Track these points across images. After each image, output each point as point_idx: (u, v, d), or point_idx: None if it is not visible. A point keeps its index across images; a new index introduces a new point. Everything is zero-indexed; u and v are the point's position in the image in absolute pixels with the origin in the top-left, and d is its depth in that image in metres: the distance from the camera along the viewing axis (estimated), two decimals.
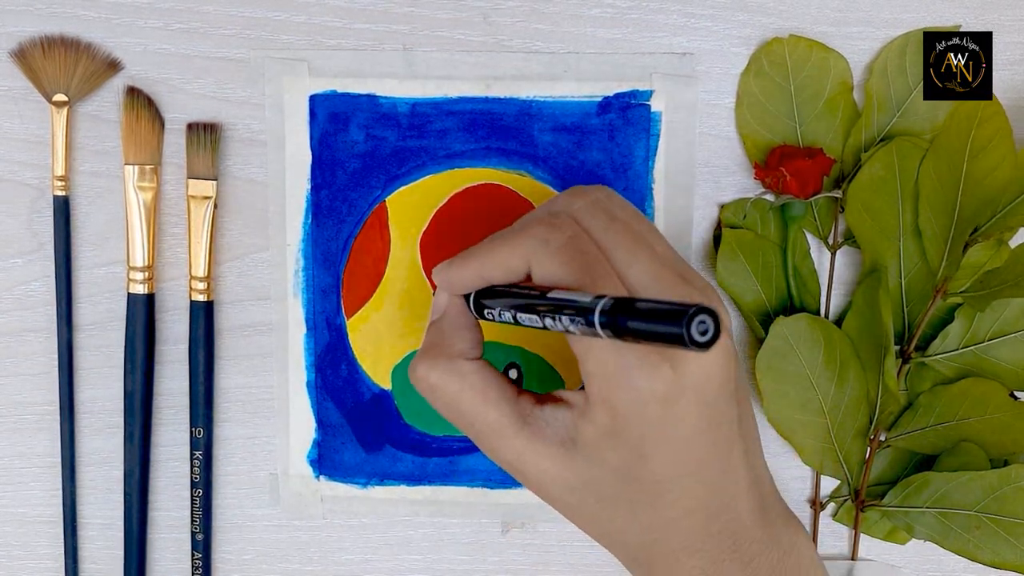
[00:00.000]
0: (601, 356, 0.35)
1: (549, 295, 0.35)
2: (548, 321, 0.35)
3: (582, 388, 0.36)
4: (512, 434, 0.38)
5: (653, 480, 0.36)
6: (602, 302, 0.32)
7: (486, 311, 0.39)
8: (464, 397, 0.38)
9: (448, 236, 0.47)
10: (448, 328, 0.40)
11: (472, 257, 0.38)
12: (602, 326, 0.32)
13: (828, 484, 0.48)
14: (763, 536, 0.38)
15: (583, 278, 0.35)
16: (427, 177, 0.46)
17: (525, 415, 0.38)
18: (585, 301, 0.33)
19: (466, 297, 0.40)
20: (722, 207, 0.47)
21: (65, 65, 0.45)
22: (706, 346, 0.28)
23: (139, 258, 0.46)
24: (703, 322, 0.28)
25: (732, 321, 0.47)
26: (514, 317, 0.37)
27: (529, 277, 0.37)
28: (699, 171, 0.46)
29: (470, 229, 0.46)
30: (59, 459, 0.48)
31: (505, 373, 0.47)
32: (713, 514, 0.37)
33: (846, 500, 0.48)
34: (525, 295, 0.37)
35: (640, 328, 0.30)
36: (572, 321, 0.33)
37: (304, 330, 0.47)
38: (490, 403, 0.38)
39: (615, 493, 0.37)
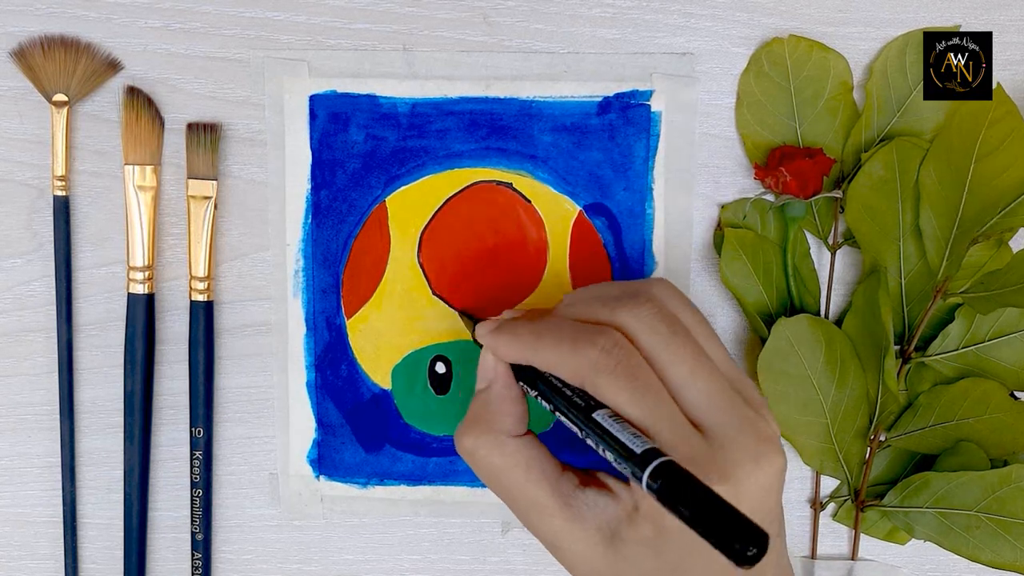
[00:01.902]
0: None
1: (598, 415, 0.35)
2: (591, 443, 0.35)
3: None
4: (551, 513, 0.37)
5: None
6: (652, 467, 0.32)
7: (530, 390, 0.39)
8: (507, 473, 0.38)
9: (448, 236, 0.47)
10: (495, 401, 0.39)
11: (522, 343, 0.38)
12: (649, 488, 0.32)
13: (828, 484, 0.48)
14: None
15: (635, 406, 0.35)
16: (427, 177, 0.46)
17: (567, 495, 0.38)
18: (635, 450, 0.33)
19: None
20: (722, 207, 0.46)
21: (65, 65, 0.45)
22: (748, 565, 0.28)
23: (139, 258, 0.46)
24: (751, 550, 0.28)
25: (728, 323, 0.47)
26: (554, 410, 0.37)
27: None
28: (699, 171, 0.46)
29: (470, 229, 0.46)
30: (59, 459, 0.48)
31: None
32: None
33: (846, 500, 0.48)
34: (574, 399, 0.37)
35: (687, 515, 0.30)
36: (616, 461, 0.34)
37: (304, 330, 0.47)
38: (532, 481, 0.38)
39: None
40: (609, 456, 0.34)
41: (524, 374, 0.39)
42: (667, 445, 0.35)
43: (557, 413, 0.37)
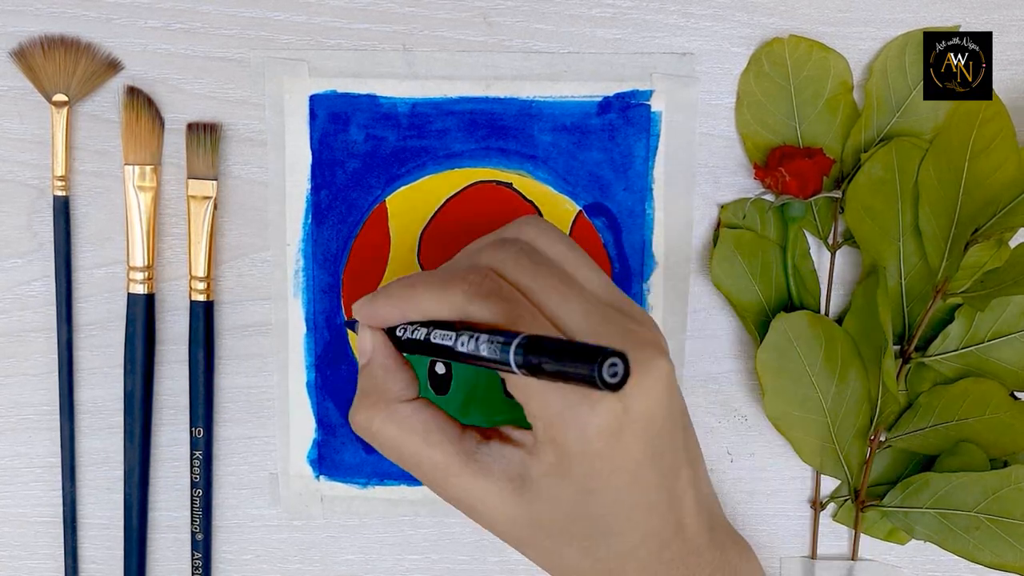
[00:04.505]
0: (544, 397, 0.35)
1: (459, 336, 0.35)
2: (462, 341, 0.35)
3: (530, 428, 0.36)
4: (457, 472, 0.37)
5: (603, 515, 0.36)
6: (517, 339, 0.32)
7: (398, 330, 0.39)
8: (406, 441, 0.38)
9: (448, 236, 0.47)
10: (379, 371, 0.39)
11: (397, 297, 0.38)
12: (518, 365, 0.32)
13: (828, 484, 0.48)
14: (713, 559, 0.39)
15: (510, 322, 0.35)
16: (427, 177, 0.46)
17: (470, 452, 0.38)
18: (500, 338, 0.33)
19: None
20: (722, 207, 0.47)
21: (65, 65, 0.45)
22: (617, 387, 0.29)
23: (139, 258, 0.46)
24: (613, 364, 0.29)
25: (728, 323, 0.47)
26: (427, 337, 0.37)
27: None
28: (699, 171, 0.46)
29: (470, 229, 0.46)
30: (59, 459, 0.48)
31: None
32: (664, 542, 0.37)
33: (846, 500, 0.48)
34: (439, 327, 0.37)
35: (552, 368, 0.30)
36: (489, 348, 0.33)
37: (304, 330, 0.47)
38: (433, 444, 0.37)
39: (567, 530, 0.37)
40: (484, 351, 0.34)
41: (401, 343, 0.39)
42: (583, 311, 0.35)
43: (429, 328, 0.37)
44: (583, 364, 0.29)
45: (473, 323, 0.36)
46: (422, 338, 0.37)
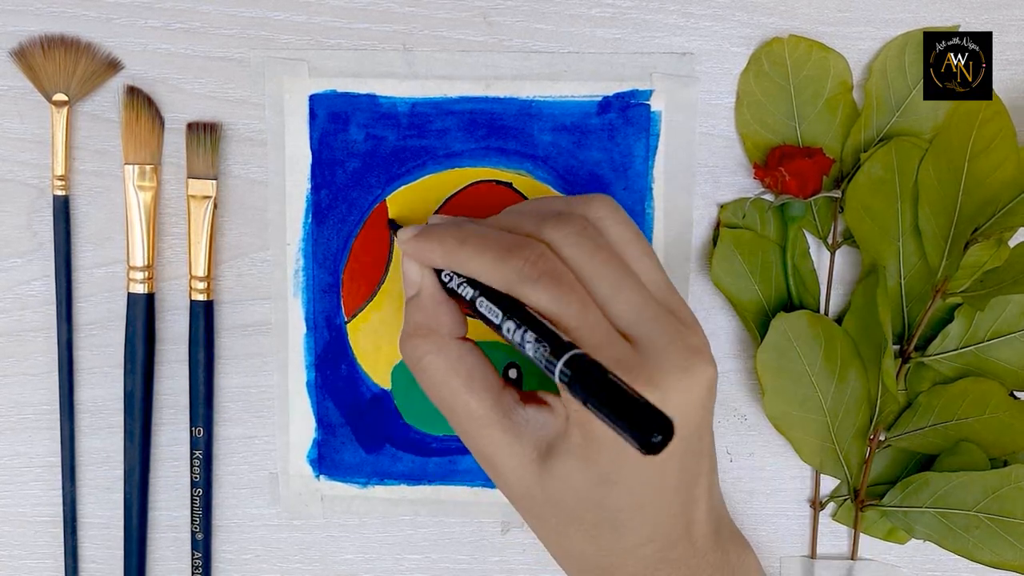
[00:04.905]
0: None
1: (505, 319, 0.35)
2: (508, 328, 0.35)
3: None
4: (490, 425, 0.37)
5: (617, 507, 0.36)
6: (565, 357, 0.32)
7: (443, 274, 0.38)
8: (450, 380, 0.38)
9: None
10: (430, 304, 0.39)
11: (447, 248, 0.38)
12: (560, 381, 0.32)
13: (828, 484, 0.48)
14: (715, 560, 0.39)
15: (560, 311, 0.35)
16: (427, 177, 0.46)
17: (507, 409, 0.37)
18: (547, 349, 0.33)
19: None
20: (722, 207, 0.47)
21: (65, 65, 0.45)
22: (654, 451, 0.29)
23: (139, 258, 0.46)
24: (657, 435, 0.29)
25: (728, 322, 0.47)
26: (472, 301, 0.37)
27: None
28: (699, 171, 0.46)
29: None
30: (59, 459, 0.48)
31: (505, 373, 0.47)
32: (672, 542, 0.38)
33: (846, 500, 0.48)
34: (488, 296, 0.36)
35: (594, 408, 0.30)
36: (534, 352, 0.33)
37: (304, 330, 0.47)
38: (474, 391, 0.37)
39: (577, 513, 0.37)
40: (528, 351, 0.34)
41: (443, 285, 0.39)
42: (591, 348, 0.34)
43: (478, 293, 0.37)
44: (626, 423, 0.29)
45: (520, 303, 0.36)
46: (467, 298, 0.37)
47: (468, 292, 0.37)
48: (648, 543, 0.37)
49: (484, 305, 0.36)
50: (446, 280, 0.38)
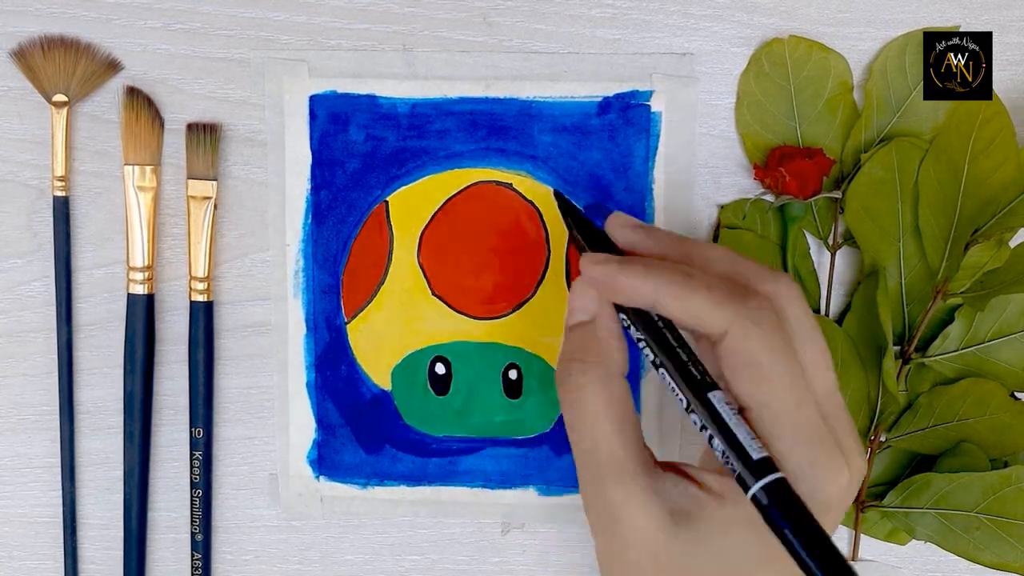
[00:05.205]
0: (783, 447, 0.33)
1: (715, 395, 0.34)
2: (693, 416, 0.34)
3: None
4: (631, 475, 0.34)
5: None
6: (768, 480, 0.31)
7: (622, 314, 0.36)
8: (603, 417, 0.35)
9: (448, 236, 0.47)
10: (605, 335, 0.36)
11: (655, 278, 0.35)
12: (755, 500, 0.32)
13: None
14: None
15: (785, 372, 0.33)
16: (427, 177, 0.46)
17: (649, 466, 0.35)
18: (750, 453, 0.32)
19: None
20: (722, 207, 0.46)
21: (65, 65, 0.45)
22: None
23: (139, 258, 0.46)
24: None
25: None
26: (674, 358, 0.34)
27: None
28: (699, 171, 0.46)
29: (470, 229, 0.46)
30: (59, 459, 0.48)
31: (504, 374, 0.47)
32: None
33: None
34: (689, 365, 0.35)
35: (787, 542, 0.30)
36: (723, 453, 0.33)
37: (304, 330, 0.47)
38: (625, 437, 0.35)
39: None
40: (715, 444, 0.33)
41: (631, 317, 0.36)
42: (809, 419, 0.33)
43: (662, 370, 0.35)
44: (818, 567, 0.29)
45: (710, 376, 0.34)
46: (670, 350, 0.35)
47: (669, 336, 0.35)
48: None
49: (692, 357, 0.34)
50: (623, 323, 0.36)
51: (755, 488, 0.32)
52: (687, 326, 0.35)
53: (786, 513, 0.31)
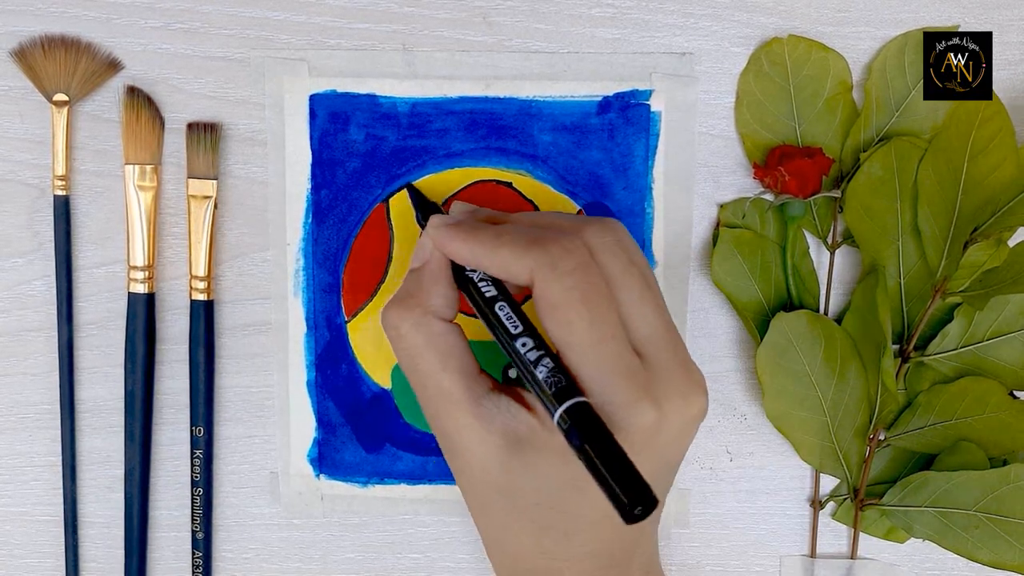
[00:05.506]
0: (589, 385, 0.35)
1: (524, 338, 0.35)
2: (524, 343, 0.35)
3: None
4: (460, 407, 0.37)
5: (575, 514, 0.36)
6: (569, 403, 0.33)
7: (466, 272, 0.38)
8: (425, 356, 0.37)
9: None
10: (428, 281, 0.38)
11: (475, 240, 0.37)
12: (559, 424, 0.33)
13: (827, 483, 0.48)
14: None
15: (584, 311, 0.35)
16: (427, 177, 0.46)
17: (479, 394, 0.37)
18: (553, 387, 0.34)
19: None
20: (721, 207, 0.47)
21: (65, 65, 0.45)
22: (630, 521, 0.30)
23: (139, 257, 0.46)
24: (639, 508, 0.30)
25: (728, 322, 0.47)
26: (491, 302, 0.37)
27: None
28: (699, 171, 0.46)
29: None
30: (59, 458, 0.48)
31: (504, 373, 0.47)
32: (612, 564, 0.38)
33: (845, 499, 0.48)
34: (509, 304, 0.37)
35: (586, 461, 0.31)
36: (544, 382, 0.34)
37: (304, 330, 0.47)
38: (449, 370, 0.37)
39: (531, 510, 0.37)
40: (539, 374, 0.34)
41: (460, 277, 0.39)
42: (607, 351, 0.35)
43: (500, 313, 0.37)
44: (616, 489, 0.30)
45: (528, 321, 0.36)
46: (487, 295, 0.37)
47: (490, 291, 0.37)
48: (591, 557, 0.37)
49: (504, 311, 0.37)
50: (469, 272, 0.38)
51: (558, 413, 0.33)
52: (503, 279, 0.37)
53: (584, 434, 0.32)
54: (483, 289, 0.38)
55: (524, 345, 0.35)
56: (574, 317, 0.35)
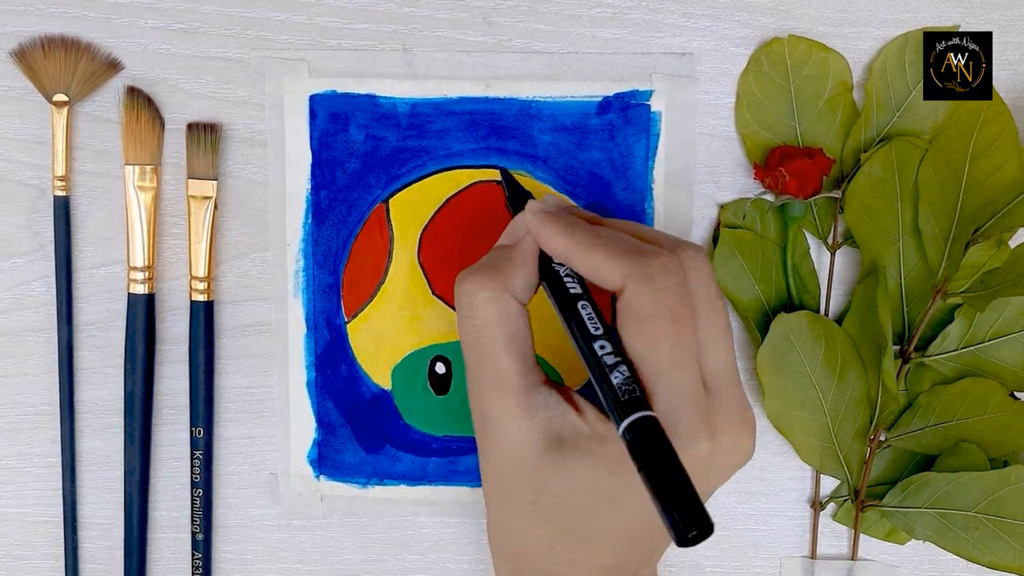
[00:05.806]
0: (657, 403, 0.35)
1: (603, 342, 0.35)
2: (602, 345, 0.35)
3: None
4: (510, 391, 0.37)
5: (601, 526, 0.36)
6: (638, 415, 0.32)
7: (553, 265, 0.38)
8: (492, 332, 0.37)
9: (449, 236, 0.47)
10: (517, 260, 0.38)
11: (572, 236, 0.37)
12: (624, 434, 0.33)
13: (828, 484, 0.48)
14: None
15: (671, 331, 0.35)
16: (427, 177, 0.46)
17: (531, 383, 0.37)
18: (626, 394, 0.33)
19: None
20: (722, 207, 0.47)
21: (65, 65, 0.45)
22: (686, 544, 0.30)
23: (139, 258, 0.46)
24: (694, 532, 0.30)
25: (733, 321, 0.47)
26: (574, 300, 0.37)
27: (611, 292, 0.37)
28: (699, 171, 0.46)
29: (470, 228, 0.46)
30: (59, 459, 0.48)
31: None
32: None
33: (846, 500, 0.48)
34: (591, 305, 0.37)
35: (647, 480, 0.31)
36: (615, 388, 0.34)
37: (304, 330, 0.47)
38: (510, 352, 0.37)
39: (555, 512, 0.37)
40: (614, 379, 0.34)
41: (545, 268, 0.38)
42: (679, 378, 0.35)
43: (582, 312, 0.37)
44: (675, 511, 0.30)
45: (608, 327, 0.36)
46: (571, 292, 0.37)
47: (576, 288, 0.37)
48: (598, 571, 0.37)
49: (587, 311, 0.36)
50: (556, 266, 0.38)
51: (625, 422, 0.33)
52: (592, 280, 0.37)
53: (651, 449, 0.32)
54: (568, 285, 0.37)
55: (603, 348, 0.35)
56: (660, 334, 0.35)
